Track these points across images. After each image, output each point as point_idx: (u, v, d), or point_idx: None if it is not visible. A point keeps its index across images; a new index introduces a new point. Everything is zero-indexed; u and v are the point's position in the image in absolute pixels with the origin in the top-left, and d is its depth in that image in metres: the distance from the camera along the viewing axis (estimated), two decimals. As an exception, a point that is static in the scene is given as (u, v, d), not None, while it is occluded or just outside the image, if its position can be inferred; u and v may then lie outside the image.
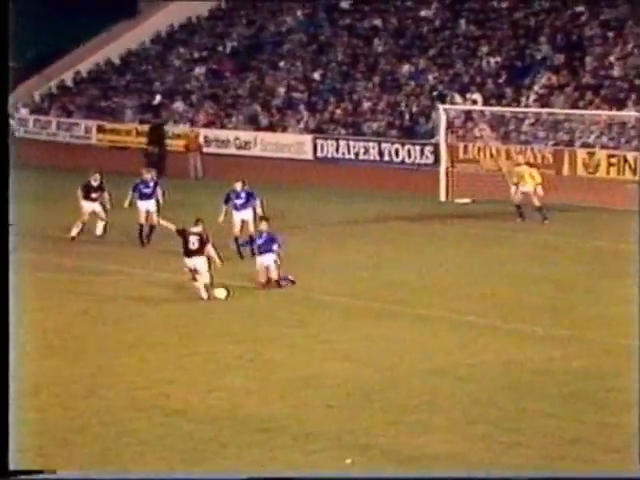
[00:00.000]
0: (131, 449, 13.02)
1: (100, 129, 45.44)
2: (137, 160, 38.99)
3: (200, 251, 20.13)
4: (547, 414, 14.07)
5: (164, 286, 21.46)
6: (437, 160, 34.03)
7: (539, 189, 28.16)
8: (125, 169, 37.83)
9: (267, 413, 14.21)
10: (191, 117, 44.42)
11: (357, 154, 38.55)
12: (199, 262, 20.13)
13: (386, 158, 37.81)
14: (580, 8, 39.72)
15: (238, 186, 24.28)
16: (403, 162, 37.42)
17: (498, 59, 39.62)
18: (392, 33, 43.54)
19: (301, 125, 41.54)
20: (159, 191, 25.40)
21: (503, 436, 13.36)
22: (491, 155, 33.59)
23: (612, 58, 37.23)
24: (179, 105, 45.41)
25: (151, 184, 25.41)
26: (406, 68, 41.55)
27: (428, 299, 20.12)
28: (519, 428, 13.61)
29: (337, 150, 39.09)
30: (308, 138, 40.17)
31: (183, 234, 20.36)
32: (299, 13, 47.14)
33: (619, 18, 38.62)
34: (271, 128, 42.15)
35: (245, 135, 41.88)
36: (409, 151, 37.46)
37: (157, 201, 25.29)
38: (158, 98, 46.25)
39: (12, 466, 10.56)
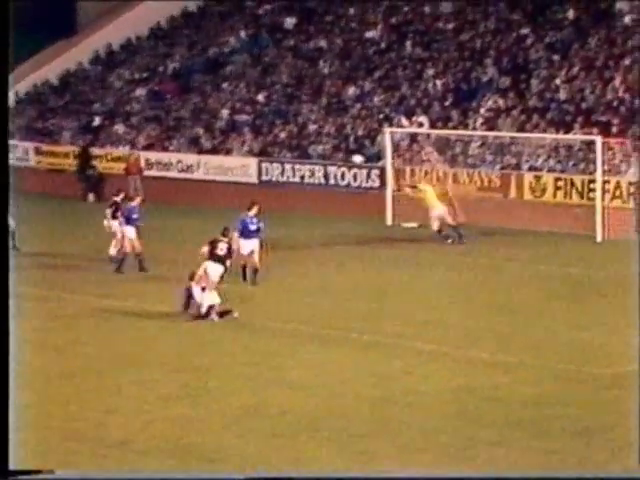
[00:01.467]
0: (71, 481, 12.91)
1: (38, 151, 45.15)
2: (76, 183, 38.86)
3: (224, 259, 20.44)
4: (495, 442, 14.17)
5: (105, 313, 21.34)
6: (383, 184, 34.24)
7: (448, 209, 28.47)
8: (64, 192, 37.69)
9: (211, 443, 14.17)
10: (131, 139, 44.31)
11: (303, 177, 38.65)
12: (218, 271, 20.37)
13: (332, 181, 37.96)
14: (525, 30, 40.27)
15: (254, 211, 23.60)
16: (349, 185, 37.60)
17: (444, 81, 40.02)
18: (337, 54, 43.80)
19: (245, 148, 41.58)
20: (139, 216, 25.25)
21: (451, 464, 13.44)
22: (438, 179, 33.87)
23: (558, 81, 37.76)
24: (119, 127, 45.26)
25: (137, 209, 25.23)
26: (352, 90, 41.81)
27: (375, 325, 20.20)
28: (467, 456, 13.70)
29: (282, 173, 39.18)
30: (253, 161, 40.22)
31: (213, 242, 20.66)
32: (242, 33, 47.27)
33: (564, 41, 39.21)
34: (214, 151, 42.16)
35: (188, 158, 41.84)
36: (355, 175, 37.66)
37: (137, 227, 25.14)
38: (98, 120, 46.08)
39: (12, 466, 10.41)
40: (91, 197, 38.00)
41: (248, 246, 23.12)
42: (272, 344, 18.97)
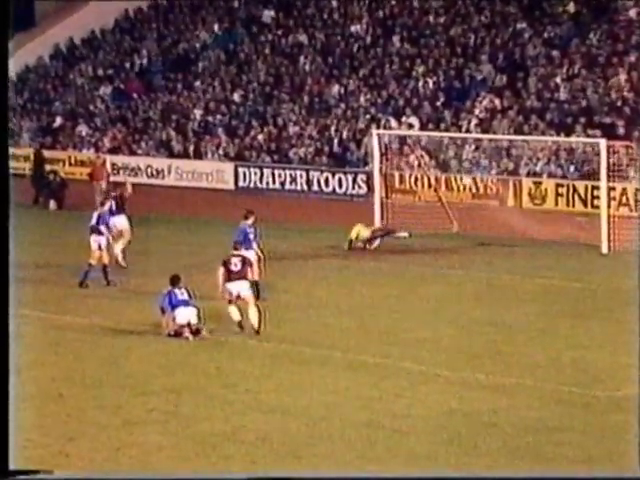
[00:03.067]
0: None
1: (-5, 154, 45.04)
2: (39, 190, 38.71)
3: (243, 274, 20.34)
4: (491, 469, 14.18)
5: (67, 330, 21.29)
6: (371, 190, 34.29)
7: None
8: (25, 200, 37.52)
9: (183, 472, 14.13)
10: (95, 142, 44.26)
11: (283, 183, 38.70)
12: (243, 286, 20.29)
13: (315, 188, 38.01)
14: (522, 25, 40.43)
15: (252, 220, 23.77)
16: (334, 192, 37.67)
17: (435, 80, 40.15)
18: (319, 50, 43.90)
19: (220, 151, 41.61)
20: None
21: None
22: (429, 185, 33.94)
23: (558, 79, 37.93)
24: (82, 128, 45.22)
25: (108, 216, 25.27)
26: (335, 89, 41.91)
27: (362, 343, 20.21)
28: (462, 485, 13.72)
29: (261, 179, 39.21)
30: (229, 166, 40.24)
31: (225, 262, 20.53)
32: (216, 27, 47.33)
33: (564, 36, 39.39)
34: (186, 155, 42.16)
35: (158, 162, 41.83)
36: (340, 180, 37.73)
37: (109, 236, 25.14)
38: (59, 120, 46.01)
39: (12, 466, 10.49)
40: (52, 204, 37.93)
41: (249, 257, 23.19)
42: (249, 364, 18.96)
